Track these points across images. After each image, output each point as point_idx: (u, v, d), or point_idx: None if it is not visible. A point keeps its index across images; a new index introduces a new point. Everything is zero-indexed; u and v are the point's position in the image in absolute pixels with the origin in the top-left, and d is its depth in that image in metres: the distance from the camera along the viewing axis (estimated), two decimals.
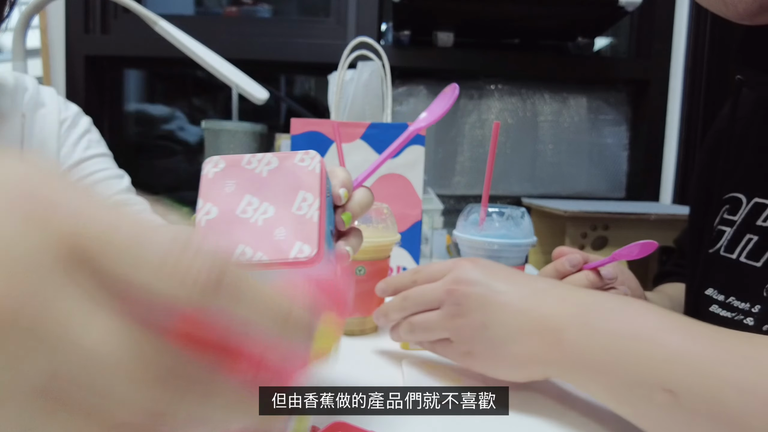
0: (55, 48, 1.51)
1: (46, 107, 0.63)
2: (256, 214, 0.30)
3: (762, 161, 0.47)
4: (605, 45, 1.74)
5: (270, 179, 0.32)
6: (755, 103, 0.50)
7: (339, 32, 1.59)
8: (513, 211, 0.60)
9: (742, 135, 0.50)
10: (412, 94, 1.60)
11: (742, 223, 0.46)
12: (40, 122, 0.62)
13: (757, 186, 0.47)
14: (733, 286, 0.46)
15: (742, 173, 0.49)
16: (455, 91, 0.41)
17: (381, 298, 0.57)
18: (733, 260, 0.46)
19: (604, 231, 1.23)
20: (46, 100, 0.64)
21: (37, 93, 0.64)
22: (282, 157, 0.32)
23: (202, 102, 1.76)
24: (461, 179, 1.64)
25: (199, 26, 1.60)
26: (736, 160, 0.50)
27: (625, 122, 1.65)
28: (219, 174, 0.32)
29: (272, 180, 0.32)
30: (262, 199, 0.31)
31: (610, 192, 1.67)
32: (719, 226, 0.49)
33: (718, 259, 0.48)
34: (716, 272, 0.48)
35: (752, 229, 0.45)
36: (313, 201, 0.30)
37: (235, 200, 0.31)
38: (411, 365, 0.47)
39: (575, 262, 0.50)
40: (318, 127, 0.73)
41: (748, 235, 0.45)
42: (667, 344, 0.31)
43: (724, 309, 0.46)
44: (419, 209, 0.74)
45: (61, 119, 0.64)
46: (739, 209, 0.47)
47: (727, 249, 0.47)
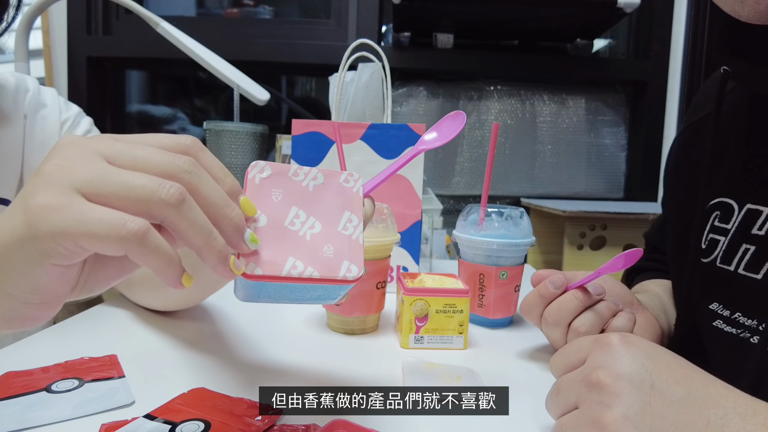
0: (58, 49, 1.52)
1: (48, 108, 0.63)
2: (304, 228, 0.32)
3: (750, 162, 0.45)
4: (604, 46, 1.75)
5: (316, 194, 0.33)
6: (740, 98, 0.47)
7: (339, 34, 1.60)
8: (512, 212, 0.60)
9: (723, 132, 0.47)
10: (412, 95, 1.60)
11: (736, 231, 0.44)
12: (41, 123, 0.62)
13: (747, 191, 0.44)
14: (737, 301, 0.44)
15: (728, 175, 0.47)
16: (462, 120, 0.41)
17: (381, 297, 0.57)
18: (731, 272, 0.44)
19: (603, 231, 1.24)
20: (47, 100, 0.64)
21: (38, 94, 0.64)
22: (327, 175, 0.34)
23: (203, 103, 1.77)
24: (461, 179, 1.65)
25: (200, 27, 1.60)
26: (719, 159, 0.47)
27: (623, 123, 1.66)
28: (265, 181, 0.33)
29: (318, 196, 0.33)
30: (309, 213, 0.33)
31: (608, 192, 1.68)
32: (711, 234, 0.47)
33: (715, 271, 0.46)
34: (716, 285, 0.46)
35: (748, 239, 0.43)
36: (358, 223, 0.33)
37: (283, 210, 0.32)
38: (411, 365, 0.48)
39: (558, 283, 0.48)
40: (319, 128, 0.73)
41: (745, 245, 0.43)
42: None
43: (729, 325, 0.44)
44: (419, 209, 0.75)
45: (62, 120, 0.64)
46: (732, 216, 0.45)
47: (724, 260, 0.45)
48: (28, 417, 0.35)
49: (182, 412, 0.36)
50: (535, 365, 0.50)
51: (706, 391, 0.29)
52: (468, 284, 0.57)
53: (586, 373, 0.32)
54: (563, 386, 0.34)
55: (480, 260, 0.60)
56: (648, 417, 0.28)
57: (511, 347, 0.55)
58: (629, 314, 0.49)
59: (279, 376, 0.45)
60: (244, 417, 0.35)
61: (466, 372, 0.46)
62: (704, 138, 0.49)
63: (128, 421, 0.34)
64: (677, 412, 0.28)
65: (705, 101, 0.53)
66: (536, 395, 0.39)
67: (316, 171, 0.34)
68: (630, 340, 0.32)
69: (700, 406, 0.28)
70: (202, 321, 0.58)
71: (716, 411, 0.28)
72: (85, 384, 0.40)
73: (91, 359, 0.45)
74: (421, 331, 0.53)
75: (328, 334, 0.57)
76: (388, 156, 0.74)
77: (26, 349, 0.48)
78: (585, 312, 0.48)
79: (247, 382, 0.43)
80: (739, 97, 0.48)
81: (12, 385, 0.39)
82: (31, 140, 0.61)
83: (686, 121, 0.56)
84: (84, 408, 0.36)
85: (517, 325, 0.63)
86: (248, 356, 0.49)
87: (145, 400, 0.38)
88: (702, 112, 0.53)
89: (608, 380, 0.30)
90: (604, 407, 0.29)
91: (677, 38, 1.54)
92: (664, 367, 0.30)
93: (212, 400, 0.38)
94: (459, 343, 0.53)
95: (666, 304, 0.59)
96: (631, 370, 0.30)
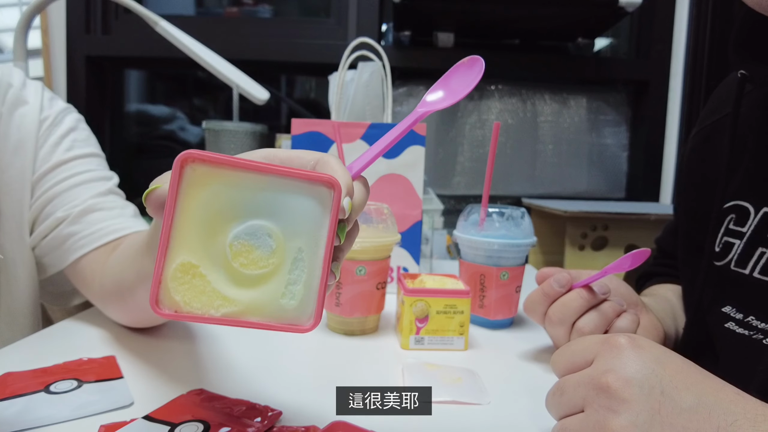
0: (56, 48, 1.51)
1: (28, 105, 0.59)
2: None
3: (766, 165, 0.45)
4: (605, 46, 1.74)
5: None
6: (756, 101, 0.47)
7: (339, 33, 1.59)
8: (513, 212, 0.60)
9: (740, 135, 0.47)
10: (413, 95, 1.60)
11: (752, 235, 0.44)
12: (17, 121, 0.57)
13: (764, 194, 0.44)
14: (751, 305, 0.43)
15: (743, 179, 0.46)
16: (480, 68, 0.33)
17: (381, 298, 0.57)
18: (746, 275, 0.44)
19: (604, 231, 1.24)
20: (29, 97, 0.59)
21: (21, 89, 0.59)
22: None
23: (202, 102, 1.76)
24: (461, 179, 1.64)
25: (199, 26, 1.60)
26: (736, 163, 0.47)
27: (624, 123, 1.65)
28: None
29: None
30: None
31: (609, 192, 1.67)
32: (726, 237, 0.47)
33: (729, 274, 0.45)
34: (730, 288, 0.45)
35: (765, 243, 0.43)
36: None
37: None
38: (411, 365, 0.47)
39: (563, 282, 0.48)
40: (318, 128, 0.73)
41: (761, 249, 0.43)
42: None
43: (741, 327, 0.44)
44: (419, 209, 0.74)
45: (41, 118, 0.59)
46: (747, 220, 0.45)
47: (738, 263, 0.45)
48: (27, 418, 0.35)
49: (181, 413, 0.35)
50: (536, 366, 0.50)
51: (716, 396, 0.28)
52: (469, 285, 0.57)
53: (594, 376, 0.31)
54: (568, 387, 0.33)
55: (481, 261, 0.59)
56: (656, 425, 0.28)
57: (512, 348, 0.54)
58: (633, 315, 0.49)
59: (279, 377, 0.45)
60: (244, 418, 0.35)
61: (467, 373, 0.46)
62: (719, 141, 0.48)
63: (127, 422, 0.34)
64: (687, 420, 0.28)
65: (719, 105, 0.53)
66: (536, 396, 0.39)
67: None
68: (639, 343, 0.31)
69: (709, 413, 0.28)
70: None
71: (726, 417, 0.27)
72: (84, 385, 0.40)
73: (90, 360, 0.45)
74: (422, 332, 0.52)
75: (328, 335, 0.56)
76: (389, 156, 0.73)
77: (26, 349, 0.48)
78: (589, 311, 0.48)
79: (247, 383, 0.43)
80: (756, 100, 0.48)
81: (11, 385, 0.39)
82: (5, 140, 0.56)
83: (699, 123, 0.56)
84: (83, 409, 0.36)
85: (518, 326, 0.62)
86: (247, 357, 0.49)
87: (144, 401, 0.38)
88: (717, 115, 0.53)
89: (617, 385, 0.29)
90: (611, 413, 0.29)
91: (679, 37, 1.54)
92: (675, 372, 0.30)
93: (211, 401, 0.38)
94: (460, 344, 0.53)
95: (676, 307, 0.59)
96: (641, 375, 0.29)
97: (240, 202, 0.27)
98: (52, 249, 0.56)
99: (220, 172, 0.27)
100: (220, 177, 0.27)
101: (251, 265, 0.28)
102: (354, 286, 0.54)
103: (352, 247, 0.33)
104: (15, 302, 0.59)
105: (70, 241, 0.55)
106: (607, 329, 0.48)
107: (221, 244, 0.27)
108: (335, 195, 0.27)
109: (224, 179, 0.27)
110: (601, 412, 0.30)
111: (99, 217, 0.56)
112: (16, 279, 0.58)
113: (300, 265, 0.28)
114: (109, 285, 0.50)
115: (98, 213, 0.56)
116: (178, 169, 0.26)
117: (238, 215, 0.27)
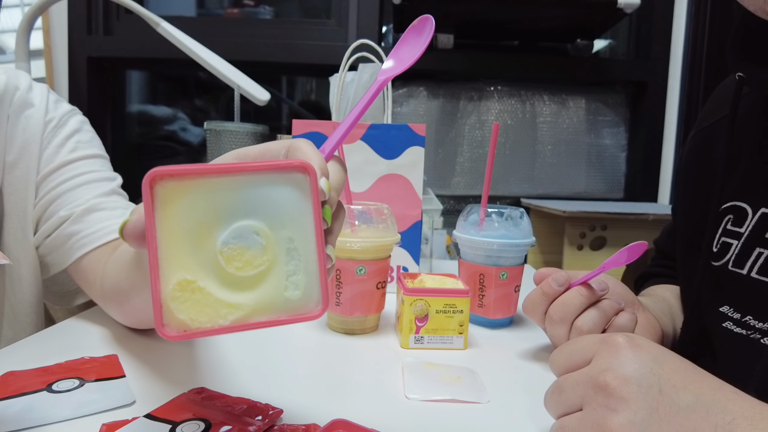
0: (58, 49, 1.52)
1: (34, 107, 0.60)
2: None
3: (764, 166, 0.45)
4: (604, 47, 1.75)
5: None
6: (754, 103, 0.48)
7: (340, 34, 1.60)
8: (512, 212, 0.61)
9: (737, 136, 0.47)
10: (413, 96, 1.61)
11: (750, 235, 0.44)
12: (23, 123, 0.58)
13: (761, 195, 0.44)
14: (749, 305, 0.44)
15: (740, 179, 0.47)
16: (430, 27, 0.33)
17: (381, 297, 0.57)
18: (743, 276, 0.44)
19: (603, 231, 1.24)
20: (35, 99, 0.60)
21: (27, 92, 0.60)
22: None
23: (204, 103, 1.77)
24: (461, 180, 1.65)
25: (200, 28, 1.61)
26: (733, 164, 0.48)
27: (623, 123, 1.66)
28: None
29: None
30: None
31: (608, 193, 1.68)
32: (724, 237, 0.47)
33: (727, 274, 0.46)
34: (728, 288, 0.46)
35: (762, 243, 0.43)
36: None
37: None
38: (411, 365, 0.48)
39: (561, 281, 0.48)
40: (319, 128, 0.73)
41: (758, 249, 0.43)
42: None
43: (739, 326, 0.44)
44: (419, 209, 0.75)
45: (46, 120, 0.60)
46: (745, 220, 0.45)
47: (736, 263, 0.45)
48: (29, 416, 0.35)
49: (182, 412, 0.36)
50: (535, 365, 0.50)
51: (714, 395, 0.28)
52: (468, 284, 0.57)
53: (592, 375, 0.31)
54: (566, 386, 0.33)
55: (480, 260, 0.60)
56: (655, 423, 0.28)
57: (512, 347, 0.55)
58: (631, 313, 0.49)
59: (279, 376, 0.45)
60: (244, 417, 0.35)
61: (466, 372, 0.46)
62: (717, 142, 0.49)
63: (129, 421, 0.34)
64: (684, 419, 0.28)
65: (717, 106, 0.53)
66: (535, 395, 0.39)
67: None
68: (638, 343, 0.32)
69: (707, 412, 0.28)
70: None
71: (723, 416, 0.27)
72: (85, 384, 0.40)
73: (92, 359, 0.45)
74: (422, 332, 0.53)
75: (328, 334, 0.57)
76: (389, 156, 0.74)
77: (26, 349, 0.48)
78: (588, 309, 0.48)
79: (247, 382, 0.43)
80: (753, 102, 0.48)
81: (12, 385, 0.39)
82: (11, 141, 0.58)
83: (698, 125, 0.56)
84: (84, 408, 0.36)
85: (517, 325, 0.63)
86: (248, 356, 0.49)
87: (146, 399, 0.38)
88: (715, 116, 0.53)
89: (615, 383, 0.30)
90: (610, 411, 0.29)
91: (677, 38, 1.54)
92: (673, 371, 0.30)
93: (212, 399, 0.38)
94: (459, 344, 0.53)
95: (674, 307, 0.59)
96: (639, 374, 0.30)
97: (219, 207, 0.27)
98: (55, 248, 0.57)
99: (190, 183, 0.26)
100: (193, 188, 0.27)
101: (246, 267, 0.28)
102: (354, 286, 0.55)
103: (355, 246, 0.33)
104: (18, 301, 0.59)
105: (72, 240, 0.56)
106: (606, 327, 0.48)
107: (212, 252, 0.27)
108: (311, 178, 0.28)
109: (197, 189, 0.27)
110: (599, 410, 0.30)
111: (101, 216, 0.56)
112: (20, 278, 0.59)
113: (295, 255, 0.28)
114: (108, 288, 0.50)
115: (101, 213, 0.57)
116: (148, 191, 0.26)
117: (221, 221, 0.27)
